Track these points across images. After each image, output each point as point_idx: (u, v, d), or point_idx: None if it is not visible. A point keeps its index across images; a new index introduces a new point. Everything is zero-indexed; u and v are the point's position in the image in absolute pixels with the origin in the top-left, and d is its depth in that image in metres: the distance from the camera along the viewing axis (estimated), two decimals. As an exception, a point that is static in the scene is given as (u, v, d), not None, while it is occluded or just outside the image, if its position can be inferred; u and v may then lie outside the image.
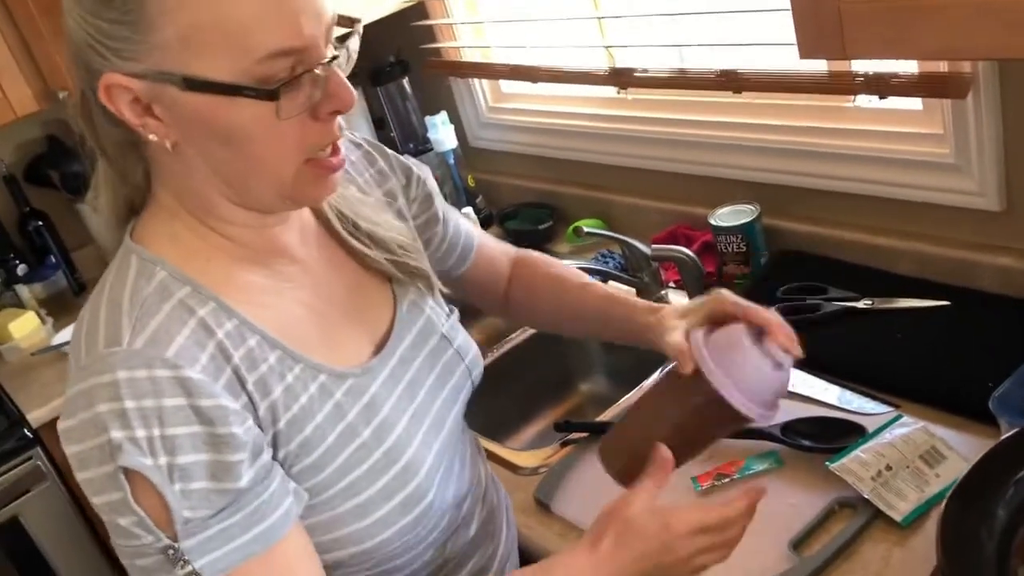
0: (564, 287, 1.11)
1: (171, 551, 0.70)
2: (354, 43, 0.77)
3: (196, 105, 0.70)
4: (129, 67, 0.70)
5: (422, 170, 1.04)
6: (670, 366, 0.90)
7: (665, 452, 0.83)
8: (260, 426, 0.76)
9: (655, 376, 1.39)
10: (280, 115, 0.70)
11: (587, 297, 1.08)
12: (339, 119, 0.76)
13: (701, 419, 0.84)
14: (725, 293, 0.90)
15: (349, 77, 0.75)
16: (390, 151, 1.03)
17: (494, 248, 1.16)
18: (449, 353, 0.96)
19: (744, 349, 0.82)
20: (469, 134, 2.22)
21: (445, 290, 1.02)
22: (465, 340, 1.00)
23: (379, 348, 0.89)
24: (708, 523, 0.80)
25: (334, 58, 0.72)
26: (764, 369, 0.82)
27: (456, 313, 1.02)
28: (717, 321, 0.88)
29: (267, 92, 0.69)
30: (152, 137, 0.73)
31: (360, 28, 0.78)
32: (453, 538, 0.94)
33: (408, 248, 0.94)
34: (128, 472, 0.69)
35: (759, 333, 0.85)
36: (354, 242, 0.90)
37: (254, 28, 0.67)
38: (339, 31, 0.75)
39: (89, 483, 0.71)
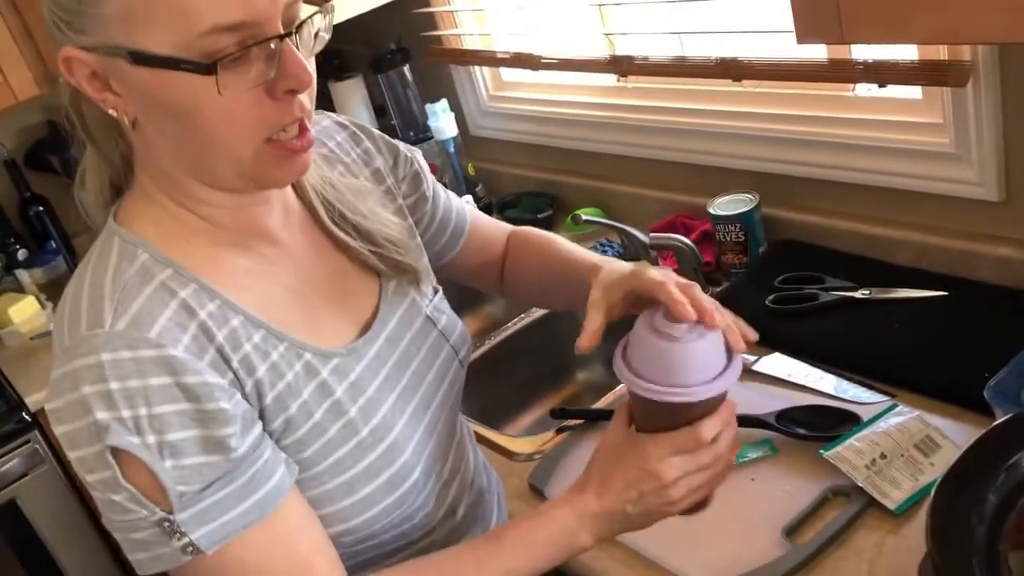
0: (546, 259, 1.08)
1: (167, 524, 0.71)
2: (320, 21, 0.75)
3: (145, 79, 0.70)
4: (82, 40, 0.70)
5: (411, 151, 1.04)
6: None
7: None
8: (247, 401, 0.77)
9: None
10: (222, 91, 0.69)
11: (556, 266, 1.05)
12: (300, 98, 0.74)
13: (651, 417, 0.82)
14: (645, 270, 0.84)
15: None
16: (376, 131, 1.02)
17: (490, 227, 1.15)
18: (434, 334, 0.97)
19: (640, 337, 0.80)
20: (470, 123, 2.22)
21: (434, 283, 1.02)
22: (450, 320, 1.00)
23: (363, 331, 0.89)
24: (679, 443, 0.79)
25: (287, 34, 0.70)
26: (661, 347, 0.77)
27: (440, 292, 1.02)
28: (639, 299, 0.84)
29: (204, 66, 0.68)
30: (112, 112, 0.74)
31: (331, 7, 0.76)
32: (440, 520, 0.94)
33: (396, 243, 0.93)
34: (116, 451, 0.70)
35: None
36: (338, 232, 0.90)
37: (197, 1, 0.66)
38: (309, 9, 0.74)
39: (81, 462, 0.72)
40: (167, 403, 0.70)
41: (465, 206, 1.12)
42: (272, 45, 0.70)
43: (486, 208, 2.12)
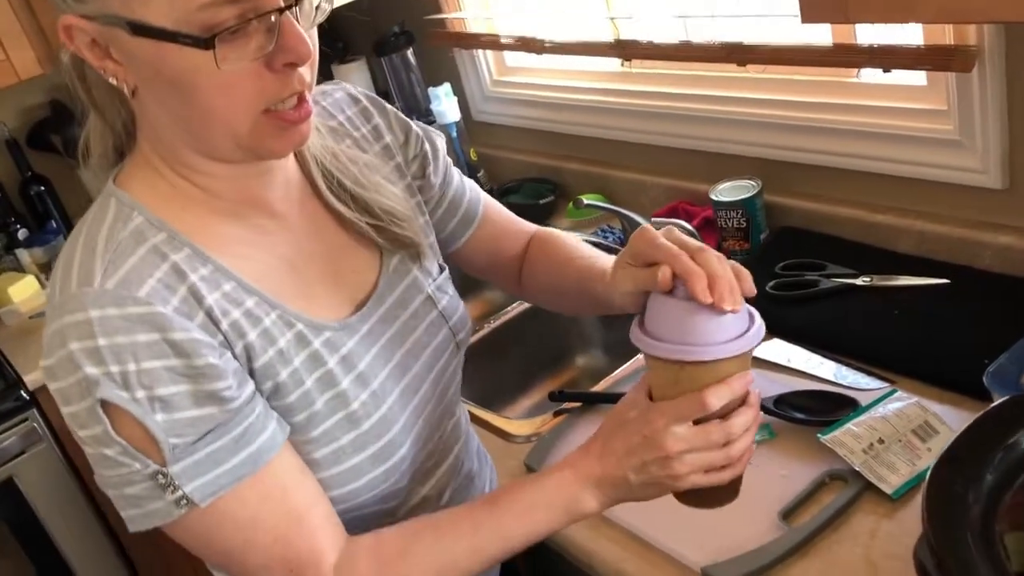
0: (563, 264, 1.03)
1: (160, 476, 0.72)
2: None
3: (144, 50, 0.70)
4: (82, 8, 0.70)
5: (429, 133, 1.02)
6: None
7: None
8: (237, 361, 0.77)
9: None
10: (220, 64, 0.68)
11: (571, 273, 1.01)
12: (300, 70, 0.73)
13: (661, 383, 0.79)
14: (646, 231, 0.79)
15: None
16: (390, 107, 1.01)
17: (508, 221, 1.11)
18: (433, 314, 0.96)
19: (655, 298, 0.78)
20: (473, 108, 2.21)
21: (440, 262, 1.00)
22: (452, 302, 0.99)
23: (359, 307, 0.89)
24: (683, 409, 0.75)
25: (288, 7, 0.70)
26: (673, 304, 0.76)
27: (446, 272, 1.00)
28: (644, 261, 0.80)
29: (202, 41, 0.67)
30: (112, 80, 0.74)
31: None
32: (425, 499, 0.95)
33: (395, 215, 0.92)
34: (106, 405, 0.70)
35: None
36: (335, 202, 0.89)
37: None
38: None
39: (73, 417, 0.73)
40: (155, 359, 0.71)
41: (482, 194, 1.09)
42: (272, 18, 0.69)
43: (487, 194, 2.11)
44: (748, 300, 0.77)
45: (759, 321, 0.78)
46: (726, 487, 0.81)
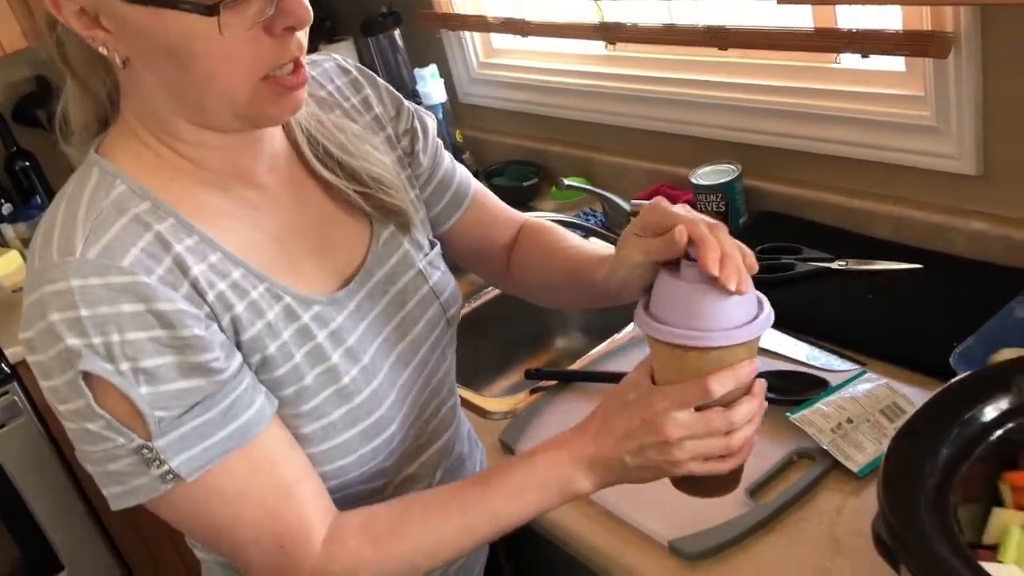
0: (555, 253, 1.02)
1: (145, 450, 0.70)
2: None
3: (139, 18, 0.68)
4: None
5: (420, 112, 1.01)
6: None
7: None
8: (224, 334, 0.76)
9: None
10: (223, 31, 0.67)
11: (563, 261, 0.99)
12: (297, 35, 0.73)
13: (665, 367, 0.77)
14: (660, 202, 0.78)
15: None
16: (381, 80, 0.99)
17: (498, 208, 1.09)
18: (424, 290, 0.94)
19: (661, 280, 0.76)
20: (459, 90, 2.21)
21: (431, 236, 0.99)
22: (443, 277, 0.97)
23: (347, 281, 0.87)
24: (686, 395, 0.74)
25: None
26: (680, 288, 0.73)
27: (437, 247, 0.99)
28: (657, 230, 0.77)
29: (205, 7, 0.66)
30: (102, 50, 0.72)
31: None
32: (414, 477, 0.94)
33: (384, 183, 0.90)
34: (89, 377, 0.69)
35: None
36: (322, 169, 0.87)
37: None
38: None
39: (54, 392, 0.71)
40: (140, 330, 0.69)
41: (472, 179, 1.07)
42: None
43: (472, 176, 2.12)
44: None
45: (768, 308, 0.76)
46: (725, 477, 0.80)
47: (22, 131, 2.37)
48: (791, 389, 1.14)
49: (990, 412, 0.75)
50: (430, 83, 2.07)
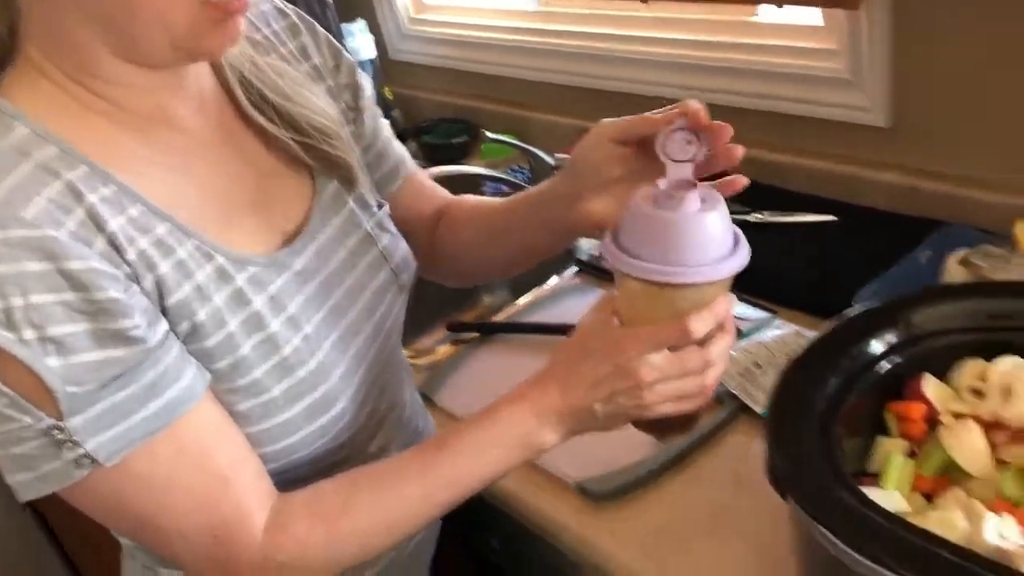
0: (492, 213, 0.97)
1: (56, 431, 0.62)
2: None
3: None
4: None
5: (358, 69, 0.94)
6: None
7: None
8: (147, 299, 0.67)
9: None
10: None
11: (511, 207, 0.94)
12: None
13: (637, 309, 0.71)
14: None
15: None
16: (321, 29, 0.91)
17: (427, 183, 1.03)
18: (373, 253, 0.86)
19: (635, 212, 0.68)
20: (389, 46, 2.18)
21: (379, 198, 0.92)
22: (393, 240, 0.90)
23: (288, 241, 0.79)
24: (664, 336, 0.69)
25: None
26: (661, 218, 0.67)
27: (386, 208, 0.91)
28: (632, 139, 0.76)
29: None
30: None
31: None
32: (370, 456, 0.87)
33: (327, 132, 0.82)
34: None
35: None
36: (257, 115, 0.79)
37: None
38: None
39: None
40: (47, 292, 0.60)
41: (405, 152, 1.01)
42: None
43: (402, 134, 2.09)
44: None
45: (744, 241, 0.70)
46: (690, 415, 0.77)
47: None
48: (703, 336, 1.15)
49: (878, 346, 0.77)
50: (359, 38, 2.03)
